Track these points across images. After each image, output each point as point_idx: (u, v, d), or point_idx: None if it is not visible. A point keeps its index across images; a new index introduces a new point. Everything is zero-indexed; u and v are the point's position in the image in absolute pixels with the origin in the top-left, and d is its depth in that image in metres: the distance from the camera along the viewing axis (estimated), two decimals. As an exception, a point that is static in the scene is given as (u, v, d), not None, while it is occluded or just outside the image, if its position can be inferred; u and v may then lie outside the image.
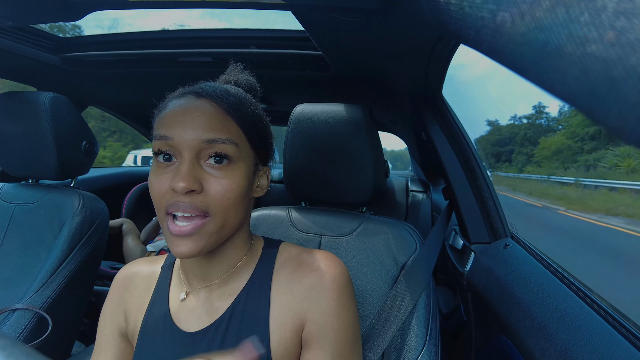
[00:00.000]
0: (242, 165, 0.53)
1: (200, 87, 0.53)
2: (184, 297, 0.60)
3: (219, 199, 0.50)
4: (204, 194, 0.49)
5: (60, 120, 1.11)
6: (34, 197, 1.15)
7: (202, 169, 0.50)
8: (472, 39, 0.27)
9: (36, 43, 1.23)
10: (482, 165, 1.15)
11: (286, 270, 0.59)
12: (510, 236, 1.07)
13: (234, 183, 0.51)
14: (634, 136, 0.16)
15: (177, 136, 0.49)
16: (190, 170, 0.48)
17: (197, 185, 0.48)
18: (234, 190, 0.51)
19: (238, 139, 0.52)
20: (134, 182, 2.08)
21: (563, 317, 0.65)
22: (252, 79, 0.67)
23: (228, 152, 0.50)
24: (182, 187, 0.47)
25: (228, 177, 0.51)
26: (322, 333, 0.55)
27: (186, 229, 0.49)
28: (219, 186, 0.50)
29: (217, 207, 0.50)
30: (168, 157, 0.51)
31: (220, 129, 0.50)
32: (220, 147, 0.50)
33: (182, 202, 0.48)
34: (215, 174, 0.50)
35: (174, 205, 0.49)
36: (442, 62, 0.99)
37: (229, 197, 0.50)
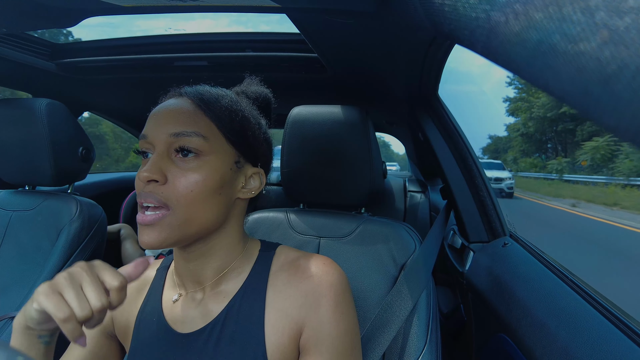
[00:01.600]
0: (214, 160, 0.53)
1: (184, 89, 0.56)
2: (176, 298, 0.60)
3: (182, 192, 0.50)
4: (166, 186, 0.50)
5: (56, 126, 1.11)
6: (31, 203, 1.15)
7: (170, 162, 0.51)
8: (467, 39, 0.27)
9: (31, 50, 1.23)
10: (479, 164, 1.15)
11: (283, 275, 0.59)
12: (509, 235, 1.07)
13: (200, 176, 0.51)
14: (629, 134, 0.16)
15: (150, 133, 0.52)
16: (156, 161, 0.50)
17: (159, 176, 0.49)
18: (199, 184, 0.51)
19: (208, 132, 0.53)
20: (131, 187, 2.08)
21: (563, 315, 0.65)
22: (265, 90, 0.69)
23: (194, 145, 0.51)
24: (143, 176, 0.49)
25: (195, 170, 0.51)
26: (320, 340, 0.54)
27: (147, 218, 0.49)
28: (182, 178, 0.50)
29: (180, 200, 0.50)
30: (146, 154, 0.54)
31: (188, 122, 0.52)
32: (186, 140, 0.51)
33: (145, 191, 0.50)
34: (181, 165, 0.51)
35: (140, 196, 0.50)
36: (438, 62, 0.99)
37: (192, 190, 0.51)
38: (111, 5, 0.67)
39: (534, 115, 33.03)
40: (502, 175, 14.68)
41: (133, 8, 0.69)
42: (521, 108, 36.50)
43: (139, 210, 0.51)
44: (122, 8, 0.68)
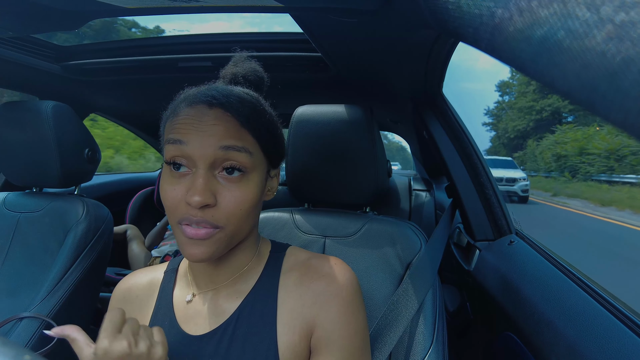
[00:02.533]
0: (256, 175, 0.53)
1: (212, 96, 0.52)
2: (190, 299, 0.60)
3: (231, 211, 0.50)
4: (216, 208, 0.49)
5: (62, 128, 1.12)
6: (38, 205, 1.16)
7: (216, 181, 0.50)
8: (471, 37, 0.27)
9: (36, 52, 1.24)
10: (485, 162, 1.15)
11: (294, 275, 0.59)
12: (515, 232, 1.07)
13: (247, 195, 0.51)
14: (636, 129, 0.16)
15: (192, 141, 0.49)
16: (206, 183, 0.48)
17: (212, 200, 0.48)
18: (247, 202, 0.51)
19: (253, 148, 0.52)
20: (137, 188, 2.09)
21: (570, 313, 0.65)
22: (259, 68, 0.67)
23: (242, 162, 0.50)
24: (197, 202, 0.47)
25: (241, 188, 0.51)
26: (331, 340, 0.55)
27: (201, 232, 0.49)
28: (232, 198, 0.50)
29: (230, 219, 0.50)
30: (178, 166, 0.50)
31: (237, 137, 0.50)
32: (235, 155, 0.50)
33: (195, 216, 0.48)
34: (228, 186, 0.50)
35: (187, 219, 0.49)
36: (442, 60, 0.99)
37: (241, 209, 0.51)
38: (114, 7, 0.67)
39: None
40: (515, 174, 11.89)
41: (136, 10, 0.69)
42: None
43: (183, 225, 0.50)
44: (126, 10, 0.69)
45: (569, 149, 19.16)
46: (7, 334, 0.93)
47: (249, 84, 0.64)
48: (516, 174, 11.91)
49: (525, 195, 11.81)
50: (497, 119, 35.99)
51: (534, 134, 27.48)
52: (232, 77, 0.65)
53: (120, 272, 1.62)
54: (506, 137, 32.90)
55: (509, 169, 12.42)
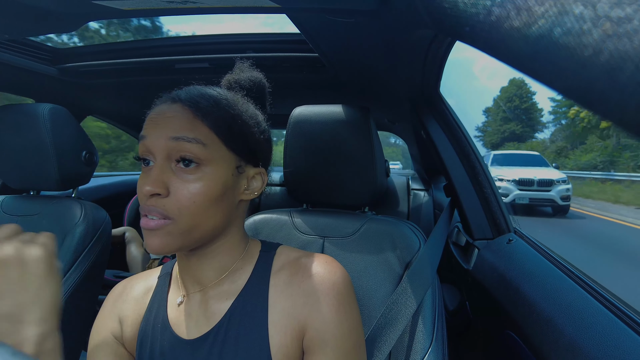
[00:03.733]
0: (215, 168, 0.52)
1: (176, 93, 0.55)
2: (181, 300, 0.59)
3: (184, 203, 0.50)
4: (168, 199, 0.50)
5: (59, 131, 1.11)
6: (35, 208, 1.16)
7: (171, 173, 0.51)
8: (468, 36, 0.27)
9: (33, 55, 1.23)
10: (483, 161, 1.15)
11: (285, 274, 0.59)
12: (514, 231, 1.07)
13: (202, 187, 0.51)
14: (634, 126, 0.16)
15: (149, 135, 0.52)
16: (158, 174, 0.50)
17: (162, 189, 0.49)
18: (202, 194, 0.51)
19: (207, 139, 0.52)
20: (135, 190, 2.08)
21: (569, 311, 0.65)
22: (258, 75, 0.67)
23: (194, 153, 0.51)
24: (146, 191, 0.49)
25: (197, 180, 0.51)
26: (323, 340, 0.54)
27: (150, 223, 0.50)
28: (184, 190, 0.50)
29: (182, 211, 0.50)
30: (147, 162, 0.53)
31: (188, 128, 0.51)
32: (186, 146, 0.50)
33: (147, 205, 0.50)
34: (183, 177, 0.51)
35: (142, 208, 0.51)
36: (439, 60, 0.99)
37: (195, 201, 0.51)
38: (112, 9, 0.67)
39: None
40: (550, 175, 8.44)
41: (133, 11, 0.69)
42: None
43: (142, 216, 0.51)
44: (123, 11, 0.69)
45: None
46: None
47: (244, 90, 0.64)
48: (552, 174, 8.53)
49: (565, 204, 8.34)
50: (484, 133, 45.74)
51: (503, 144, 36.89)
52: (227, 83, 0.65)
53: (119, 275, 1.62)
54: (490, 143, 41.97)
55: (539, 167, 9.04)
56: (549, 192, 8.23)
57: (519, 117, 38.91)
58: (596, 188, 13.29)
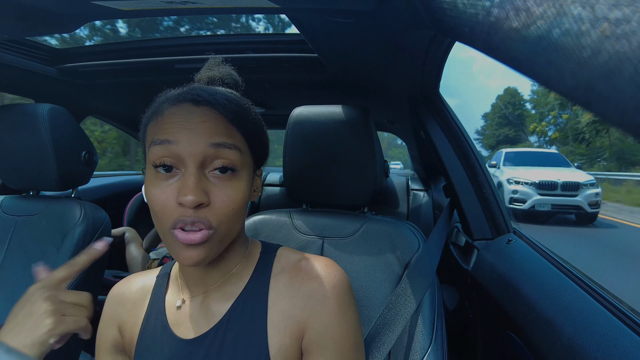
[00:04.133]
0: (245, 174, 0.53)
1: (197, 94, 0.51)
2: (180, 304, 0.59)
3: (223, 210, 0.49)
4: (210, 207, 0.48)
5: (59, 131, 1.11)
6: (35, 208, 1.16)
7: (207, 180, 0.49)
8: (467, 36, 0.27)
9: (32, 55, 1.23)
10: (482, 162, 1.15)
11: (285, 276, 0.59)
12: (513, 231, 1.07)
13: (238, 194, 0.51)
14: (632, 127, 0.16)
15: (181, 140, 0.48)
16: (198, 182, 0.47)
17: (206, 198, 0.47)
18: (238, 201, 0.51)
19: (242, 146, 0.52)
20: (134, 190, 2.08)
21: (568, 311, 0.65)
22: (234, 72, 0.66)
23: (233, 160, 0.50)
24: (191, 201, 0.46)
25: (232, 187, 0.50)
26: (323, 342, 0.55)
27: (196, 237, 0.47)
28: (225, 197, 0.49)
29: (223, 219, 0.49)
30: (168, 168, 0.49)
31: (227, 134, 0.50)
32: (226, 153, 0.49)
33: (189, 217, 0.47)
34: (220, 185, 0.49)
35: (181, 221, 0.47)
36: (438, 60, 0.99)
37: (233, 208, 0.50)
38: (111, 10, 0.67)
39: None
40: (576, 177, 7.20)
41: (133, 12, 0.69)
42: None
43: (176, 228, 0.48)
44: (123, 12, 0.69)
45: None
46: (5, 338, 0.93)
47: (226, 87, 0.62)
48: (577, 176, 7.24)
49: (594, 211, 7.04)
50: (483, 136, 50.51)
51: (497, 146, 39.03)
52: (208, 80, 0.63)
53: (119, 275, 1.62)
54: (488, 145, 46.40)
55: (559, 168, 7.82)
56: (576, 197, 6.92)
57: (512, 122, 43.37)
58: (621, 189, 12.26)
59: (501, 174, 8.15)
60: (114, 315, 0.63)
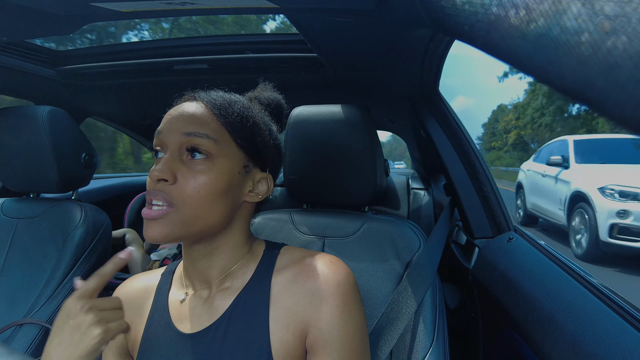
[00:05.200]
0: (223, 163, 0.54)
1: (198, 93, 0.59)
2: (183, 298, 0.60)
3: (188, 192, 0.52)
4: (175, 186, 0.52)
5: (59, 133, 1.11)
6: (35, 211, 1.16)
7: (180, 163, 0.54)
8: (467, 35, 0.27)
9: (31, 57, 1.23)
10: (482, 160, 1.15)
11: (288, 273, 0.59)
12: (514, 229, 1.07)
13: (209, 179, 0.53)
14: (633, 124, 0.16)
15: (164, 130, 0.55)
16: (168, 161, 0.53)
17: (169, 176, 0.52)
18: (207, 185, 0.53)
19: (219, 135, 0.55)
20: (135, 192, 2.08)
21: (570, 309, 0.65)
22: (277, 96, 0.72)
23: (204, 147, 0.53)
24: (154, 175, 0.51)
25: (204, 172, 0.53)
26: (328, 340, 0.54)
27: (152, 213, 0.52)
28: (191, 180, 0.52)
29: (186, 200, 0.52)
30: (157, 152, 0.56)
31: (201, 124, 0.54)
32: (197, 140, 0.53)
33: (153, 189, 0.52)
34: (192, 167, 0.53)
35: (149, 193, 0.53)
36: (437, 59, 0.99)
37: (199, 192, 0.52)
38: (110, 11, 0.67)
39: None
40: None
41: (131, 13, 0.69)
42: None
43: (146, 206, 0.53)
44: (121, 13, 0.69)
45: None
46: (7, 340, 0.93)
47: (262, 106, 0.67)
48: None
49: None
50: (482, 141, 52.56)
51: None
52: (248, 99, 0.68)
53: (120, 276, 1.62)
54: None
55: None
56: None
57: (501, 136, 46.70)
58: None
59: (578, 177, 4.63)
60: None
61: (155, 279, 0.66)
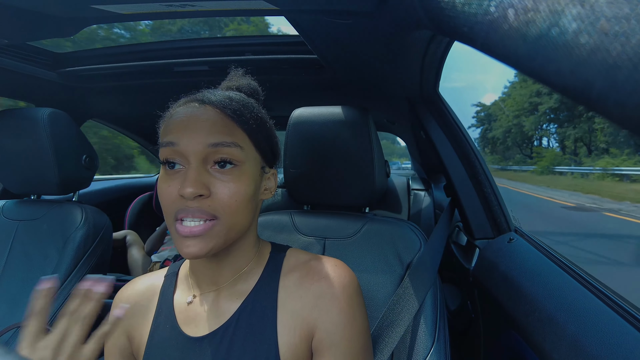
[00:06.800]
0: (248, 168, 0.54)
1: (203, 95, 0.55)
2: (191, 300, 0.60)
3: (226, 202, 0.51)
4: (211, 198, 0.50)
5: (59, 135, 1.12)
6: (36, 213, 1.16)
7: (208, 174, 0.51)
8: (466, 36, 0.27)
9: (32, 59, 1.23)
10: (482, 161, 1.15)
11: (294, 276, 0.59)
12: (514, 230, 1.07)
13: (241, 186, 0.52)
14: (632, 124, 0.16)
15: (182, 142, 0.50)
16: (197, 175, 0.50)
17: (205, 190, 0.49)
18: (241, 193, 0.52)
19: (243, 142, 0.53)
20: (135, 193, 2.08)
21: (571, 309, 0.65)
22: (254, 82, 0.68)
23: (233, 156, 0.52)
24: (190, 193, 0.48)
25: (234, 180, 0.52)
26: (333, 342, 0.55)
27: (196, 229, 0.49)
28: (226, 189, 0.51)
29: (225, 210, 0.51)
30: (173, 165, 0.52)
31: (225, 133, 0.52)
32: (225, 150, 0.51)
33: (191, 207, 0.49)
34: (222, 177, 0.51)
35: (183, 211, 0.50)
36: (437, 60, 0.99)
37: (236, 200, 0.51)
38: (110, 14, 0.67)
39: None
40: None
41: (132, 15, 0.69)
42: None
43: (177, 223, 0.51)
44: (121, 15, 0.69)
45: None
46: (8, 342, 0.93)
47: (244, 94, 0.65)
48: None
49: None
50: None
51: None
52: (226, 89, 0.66)
53: (121, 278, 1.62)
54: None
55: None
56: None
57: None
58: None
59: None
60: (122, 322, 0.63)
61: (158, 281, 0.66)
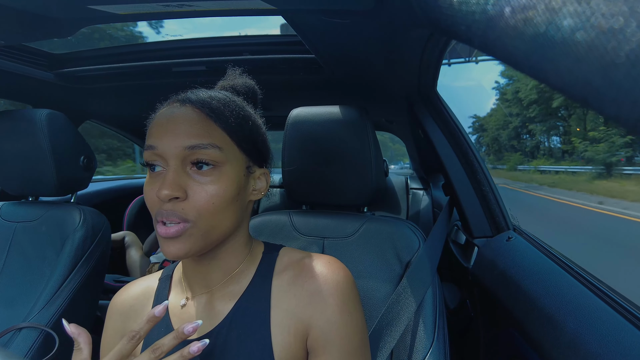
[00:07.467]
0: (229, 169, 0.53)
1: (184, 95, 0.55)
2: (184, 303, 0.60)
3: (202, 205, 0.50)
4: (187, 201, 0.50)
5: (57, 136, 1.11)
6: (34, 214, 1.15)
7: (187, 176, 0.51)
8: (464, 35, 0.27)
9: (29, 60, 1.23)
10: (481, 159, 1.15)
11: (288, 274, 0.59)
12: (513, 229, 1.07)
13: (220, 188, 0.51)
14: (630, 123, 0.16)
15: (160, 145, 0.51)
16: (174, 177, 0.49)
17: (180, 193, 0.49)
18: (219, 196, 0.51)
19: (222, 142, 0.52)
20: (134, 194, 2.08)
21: (570, 307, 0.65)
22: (251, 81, 0.68)
23: (211, 157, 0.51)
24: (165, 195, 0.48)
25: (213, 182, 0.51)
26: (328, 340, 0.55)
27: (170, 231, 0.49)
28: (203, 192, 0.50)
29: (202, 213, 0.50)
30: (154, 167, 0.52)
31: (202, 134, 0.51)
32: (202, 152, 0.50)
33: (165, 209, 0.50)
34: (200, 179, 0.51)
35: (159, 214, 0.50)
36: (435, 59, 0.99)
37: (214, 203, 0.51)
38: (107, 14, 0.67)
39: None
40: None
41: (129, 16, 0.69)
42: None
43: (158, 224, 0.51)
44: (118, 16, 0.69)
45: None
46: (7, 344, 0.93)
47: (240, 95, 0.64)
48: None
49: None
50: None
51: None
52: (221, 88, 0.65)
53: (119, 279, 1.62)
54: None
55: None
56: None
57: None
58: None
59: None
60: (117, 327, 0.63)
61: (153, 284, 0.65)
